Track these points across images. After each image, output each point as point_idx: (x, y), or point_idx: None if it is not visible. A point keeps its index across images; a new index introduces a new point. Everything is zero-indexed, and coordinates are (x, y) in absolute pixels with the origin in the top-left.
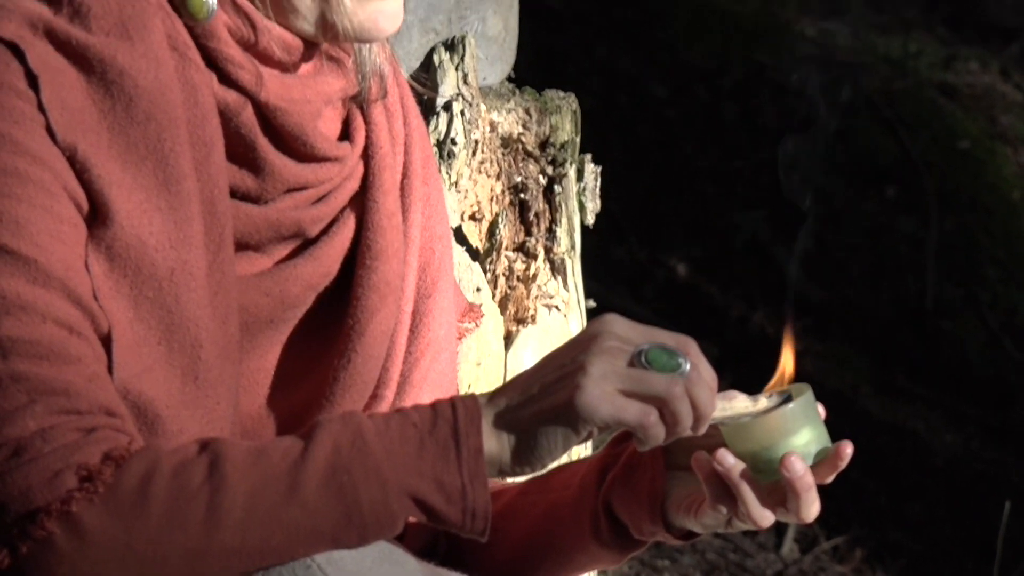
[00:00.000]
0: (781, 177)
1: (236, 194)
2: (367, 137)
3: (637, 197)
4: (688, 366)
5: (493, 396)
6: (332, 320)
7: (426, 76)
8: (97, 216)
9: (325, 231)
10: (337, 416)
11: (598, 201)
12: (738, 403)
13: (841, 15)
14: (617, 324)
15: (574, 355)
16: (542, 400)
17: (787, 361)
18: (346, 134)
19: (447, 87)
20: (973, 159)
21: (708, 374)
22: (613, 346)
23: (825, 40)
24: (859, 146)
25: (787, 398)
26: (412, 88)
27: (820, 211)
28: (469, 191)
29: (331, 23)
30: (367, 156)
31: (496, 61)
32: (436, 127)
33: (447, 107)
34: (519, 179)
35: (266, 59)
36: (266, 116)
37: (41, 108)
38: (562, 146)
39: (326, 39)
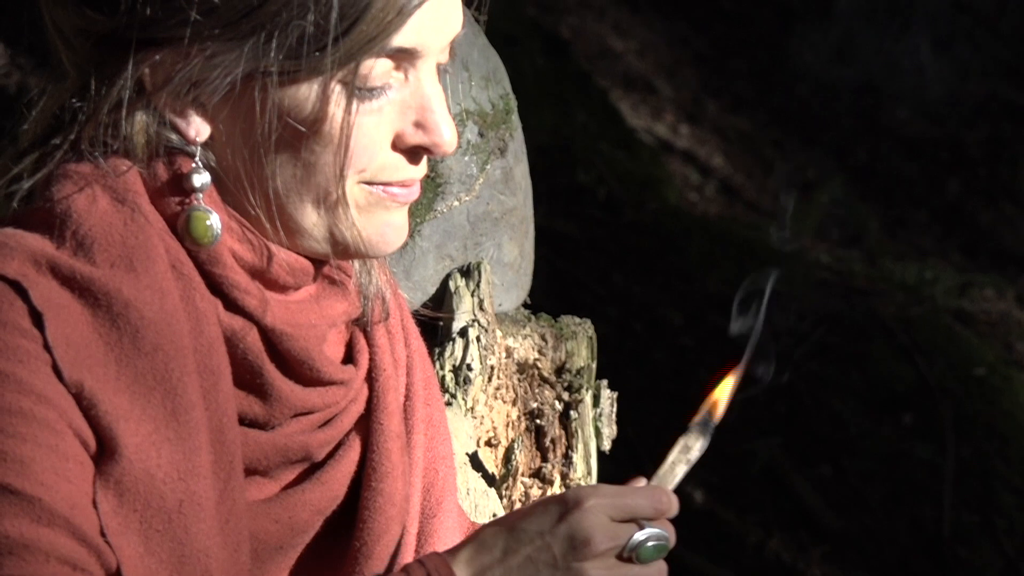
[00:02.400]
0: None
1: (244, 420)
2: (371, 359)
3: (654, 423)
4: (669, 534)
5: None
6: (338, 542)
7: (432, 305)
8: (105, 451)
9: (331, 454)
10: None
11: (615, 427)
12: None
13: (857, 242)
14: (600, 513)
15: (567, 559)
16: None
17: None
18: (350, 357)
19: (463, 313)
20: (989, 386)
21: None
22: (606, 549)
23: (841, 267)
24: (875, 372)
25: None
26: (420, 316)
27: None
28: (485, 417)
29: (339, 239)
30: (371, 378)
31: (512, 287)
32: (452, 352)
33: (463, 333)
34: (535, 405)
35: (270, 283)
36: (272, 341)
37: (47, 346)
38: (578, 372)
39: (335, 255)
